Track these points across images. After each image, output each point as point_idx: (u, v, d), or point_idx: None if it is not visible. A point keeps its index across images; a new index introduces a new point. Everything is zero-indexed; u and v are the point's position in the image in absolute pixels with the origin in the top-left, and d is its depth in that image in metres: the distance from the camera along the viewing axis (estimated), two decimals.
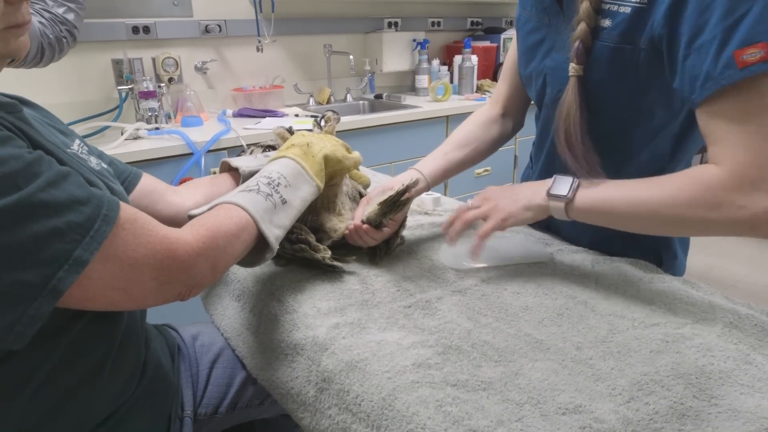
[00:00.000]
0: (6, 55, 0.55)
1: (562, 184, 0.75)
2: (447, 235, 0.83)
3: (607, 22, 0.73)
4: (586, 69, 0.77)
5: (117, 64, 2.04)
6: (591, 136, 0.77)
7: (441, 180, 0.98)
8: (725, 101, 0.62)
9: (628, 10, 0.70)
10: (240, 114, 2.20)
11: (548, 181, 0.77)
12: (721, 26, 0.60)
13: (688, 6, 0.63)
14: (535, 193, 0.77)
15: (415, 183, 0.82)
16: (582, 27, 0.74)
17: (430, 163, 0.97)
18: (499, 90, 1.06)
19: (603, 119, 0.79)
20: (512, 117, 1.07)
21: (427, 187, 0.96)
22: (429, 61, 2.74)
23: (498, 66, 2.92)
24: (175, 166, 1.71)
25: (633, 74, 0.72)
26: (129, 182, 0.82)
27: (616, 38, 0.73)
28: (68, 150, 0.62)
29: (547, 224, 0.99)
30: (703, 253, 3.08)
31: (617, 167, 0.77)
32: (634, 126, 0.73)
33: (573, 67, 0.77)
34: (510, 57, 1.03)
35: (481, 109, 1.07)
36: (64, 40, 1.39)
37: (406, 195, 0.80)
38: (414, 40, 2.74)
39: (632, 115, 0.70)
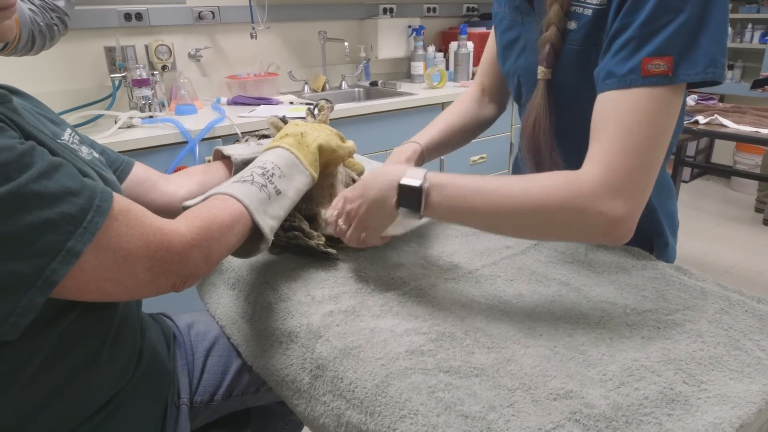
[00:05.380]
0: None
1: (415, 179, 0.68)
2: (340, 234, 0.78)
3: (572, 24, 0.73)
4: (555, 72, 0.76)
5: (109, 51, 2.02)
6: (561, 138, 0.76)
7: (439, 151, 0.96)
8: (620, 101, 0.63)
9: (590, 12, 0.70)
10: (234, 102, 2.18)
11: (401, 172, 0.69)
12: (640, 30, 0.61)
13: (625, 5, 0.63)
14: (386, 189, 0.71)
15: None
16: (552, 30, 0.74)
17: (427, 133, 0.95)
18: (481, 79, 1.06)
19: (575, 120, 0.79)
20: (496, 103, 1.07)
21: (423, 158, 0.93)
22: (424, 47, 2.73)
23: None
24: (170, 154, 1.71)
25: None
26: (121, 171, 0.81)
27: (579, 41, 0.73)
28: (59, 140, 0.62)
29: None
30: (698, 239, 3.10)
31: None
32: None
33: (542, 71, 0.76)
34: (488, 48, 1.03)
35: (470, 92, 1.07)
36: (55, 27, 1.37)
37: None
38: (409, 27, 2.72)
39: None
